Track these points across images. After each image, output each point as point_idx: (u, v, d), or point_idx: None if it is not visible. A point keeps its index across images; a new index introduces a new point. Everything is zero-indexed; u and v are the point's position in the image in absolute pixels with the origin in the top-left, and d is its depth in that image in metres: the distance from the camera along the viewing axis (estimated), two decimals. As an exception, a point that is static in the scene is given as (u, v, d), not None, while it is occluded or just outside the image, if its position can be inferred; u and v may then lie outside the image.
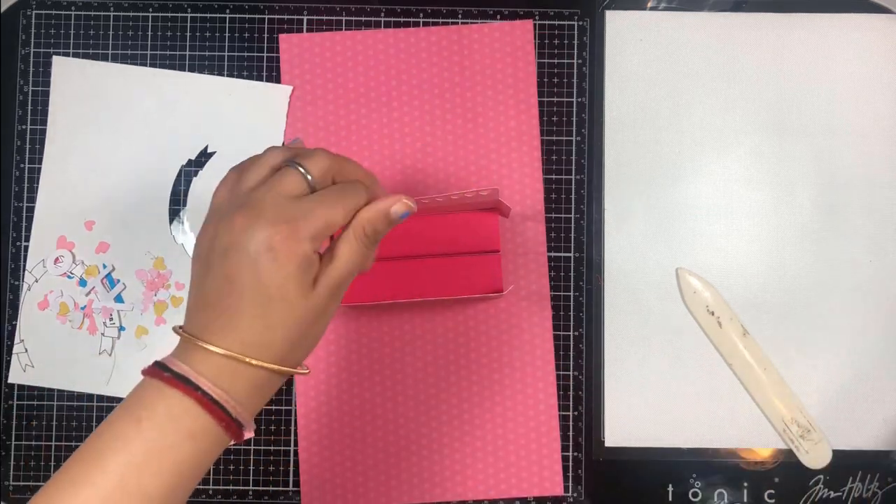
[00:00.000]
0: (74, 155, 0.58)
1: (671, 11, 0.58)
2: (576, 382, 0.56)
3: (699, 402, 0.56)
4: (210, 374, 0.35)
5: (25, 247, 0.57)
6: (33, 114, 0.58)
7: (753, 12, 0.57)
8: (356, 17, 0.58)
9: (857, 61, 0.57)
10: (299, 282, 0.36)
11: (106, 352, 0.57)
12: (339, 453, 0.55)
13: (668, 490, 0.55)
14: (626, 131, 0.57)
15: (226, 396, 0.35)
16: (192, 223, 0.58)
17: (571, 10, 0.58)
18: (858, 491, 0.55)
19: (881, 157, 0.57)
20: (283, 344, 0.36)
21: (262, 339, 0.36)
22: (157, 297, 0.57)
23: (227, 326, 0.36)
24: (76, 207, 0.57)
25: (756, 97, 0.57)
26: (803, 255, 0.56)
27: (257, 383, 0.36)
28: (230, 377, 0.36)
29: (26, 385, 0.57)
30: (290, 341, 0.36)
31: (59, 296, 0.57)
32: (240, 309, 0.35)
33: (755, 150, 0.57)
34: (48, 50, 0.58)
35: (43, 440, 0.56)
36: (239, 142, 0.58)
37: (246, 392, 0.36)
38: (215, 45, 0.58)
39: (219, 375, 0.35)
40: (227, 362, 0.35)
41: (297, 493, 0.56)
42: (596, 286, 0.57)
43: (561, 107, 0.57)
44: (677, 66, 0.57)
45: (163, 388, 0.35)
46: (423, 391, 0.56)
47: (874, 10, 0.57)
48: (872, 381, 0.56)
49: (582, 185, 0.57)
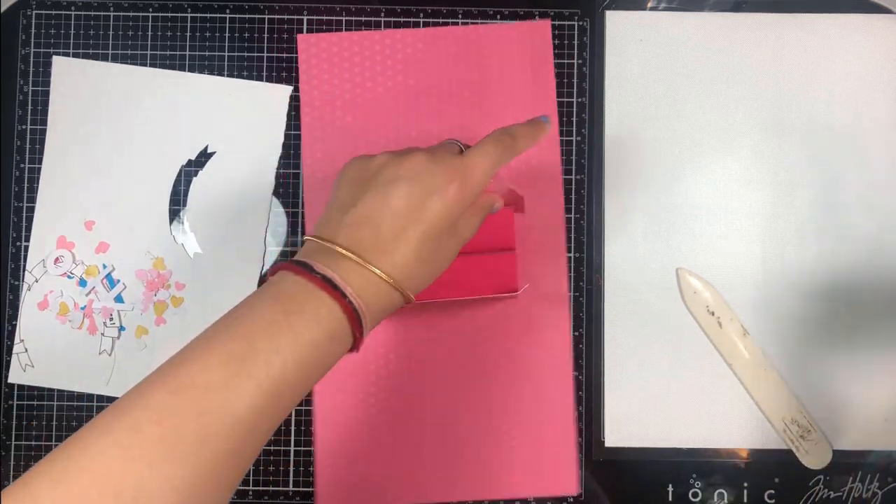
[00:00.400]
0: (74, 155, 0.58)
1: (671, 11, 0.58)
2: (576, 382, 0.56)
3: (699, 402, 0.56)
4: (354, 283, 0.37)
5: (25, 247, 0.57)
6: (33, 114, 0.58)
7: (753, 12, 0.57)
8: (356, 17, 0.58)
9: (857, 61, 0.57)
10: (453, 229, 0.41)
11: (106, 352, 0.57)
12: (356, 452, 0.55)
13: (668, 490, 0.55)
14: (626, 131, 0.57)
15: (365, 310, 0.37)
16: (192, 223, 0.58)
17: (571, 10, 0.58)
18: (858, 491, 0.55)
19: (881, 157, 0.57)
20: (423, 277, 0.40)
21: (411, 270, 0.39)
22: (157, 297, 0.57)
23: (383, 249, 0.38)
24: (76, 207, 0.57)
25: (756, 97, 0.57)
26: (803, 255, 0.56)
27: (384, 305, 0.39)
28: (372, 293, 0.38)
29: (26, 385, 0.57)
30: (429, 275, 0.41)
31: (59, 296, 0.57)
32: (400, 237, 0.38)
33: (755, 150, 0.57)
34: (48, 50, 0.58)
35: (43, 440, 0.56)
36: (239, 142, 0.58)
37: (380, 309, 0.39)
38: (215, 45, 0.58)
39: (364, 289, 0.38)
40: (377, 280, 0.38)
41: (296, 493, 0.56)
42: (596, 286, 0.57)
43: (561, 107, 0.57)
44: (677, 66, 0.57)
45: (312, 288, 0.37)
46: (440, 392, 0.55)
47: (874, 10, 0.57)
48: (873, 381, 0.56)
49: (582, 185, 0.57)
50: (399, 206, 0.38)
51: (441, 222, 0.39)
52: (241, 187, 0.58)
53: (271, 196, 0.57)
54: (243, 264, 0.57)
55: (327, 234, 0.39)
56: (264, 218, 0.57)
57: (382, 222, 0.38)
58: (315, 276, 0.37)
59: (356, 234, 0.38)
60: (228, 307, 0.38)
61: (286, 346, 0.35)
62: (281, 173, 0.58)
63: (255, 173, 0.58)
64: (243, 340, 0.34)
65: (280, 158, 0.58)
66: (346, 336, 0.37)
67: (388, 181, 0.39)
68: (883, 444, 0.55)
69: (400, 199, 0.39)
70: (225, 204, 0.57)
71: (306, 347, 0.35)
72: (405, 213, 0.38)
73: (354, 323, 0.37)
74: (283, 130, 0.58)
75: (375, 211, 0.39)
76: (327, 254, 0.38)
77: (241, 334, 0.35)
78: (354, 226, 0.39)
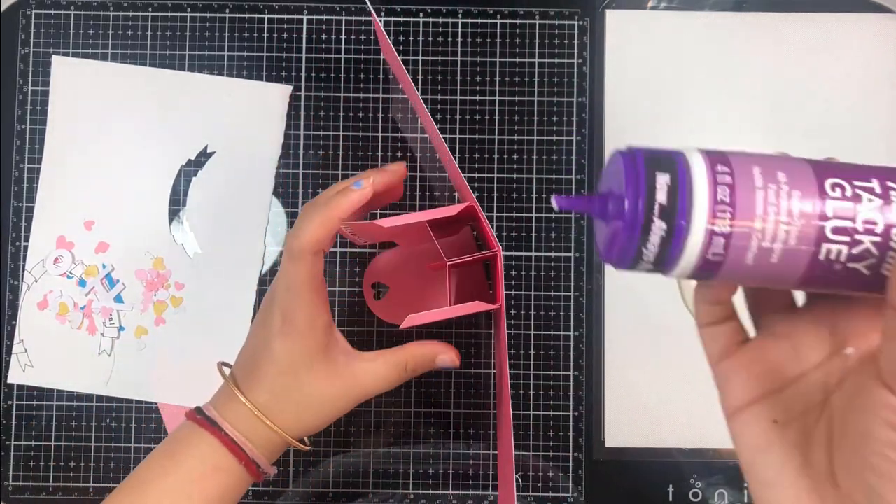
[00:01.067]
0: (74, 154, 0.58)
1: (671, 11, 0.58)
2: (576, 382, 0.56)
3: (700, 402, 0.56)
4: (234, 419, 0.41)
5: (25, 247, 0.57)
6: (33, 113, 0.58)
7: (754, 12, 0.57)
8: (356, 17, 0.58)
9: (857, 60, 0.57)
10: (309, 363, 0.41)
11: (105, 352, 0.57)
12: None
13: (669, 490, 0.55)
14: (626, 131, 0.57)
15: (244, 440, 0.41)
16: (191, 223, 0.57)
17: (571, 9, 0.58)
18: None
19: (882, 156, 0.56)
20: (287, 414, 0.42)
21: (272, 405, 0.41)
22: (156, 297, 0.57)
23: (250, 385, 0.42)
24: (76, 207, 0.57)
25: (756, 96, 0.57)
26: (804, 255, 0.56)
27: (269, 438, 0.42)
28: (249, 426, 0.41)
29: (26, 385, 0.57)
30: (294, 413, 0.42)
31: (59, 296, 0.57)
32: (258, 374, 0.42)
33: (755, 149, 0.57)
34: (48, 49, 0.58)
35: (42, 440, 0.56)
36: (239, 142, 0.58)
37: (261, 441, 0.42)
38: (215, 44, 0.58)
39: (241, 422, 0.41)
40: (250, 414, 0.41)
41: (296, 493, 0.56)
42: (596, 286, 0.57)
43: (561, 107, 0.57)
44: (677, 65, 0.57)
45: (195, 428, 0.41)
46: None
47: (874, 9, 0.57)
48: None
49: (582, 185, 0.57)
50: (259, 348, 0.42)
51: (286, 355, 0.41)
52: (241, 187, 0.57)
53: (271, 196, 0.57)
54: (243, 264, 0.57)
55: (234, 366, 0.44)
56: (264, 218, 0.57)
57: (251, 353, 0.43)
58: (199, 417, 0.42)
59: (238, 364, 0.43)
60: (228, 307, 0.39)
61: (173, 486, 0.39)
62: (281, 173, 0.58)
63: (255, 173, 0.57)
64: (136, 490, 0.40)
65: (280, 158, 0.58)
66: (233, 467, 0.41)
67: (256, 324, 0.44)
68: (883, 444, 0.55)
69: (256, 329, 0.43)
70: (225, 204, 0.57)
71: (193, 482, 0.40)
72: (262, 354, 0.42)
73: (239, 453, 0.41)
74: (283, 130, 0.58)
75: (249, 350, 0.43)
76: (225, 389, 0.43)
77: (134, 484, 0.40)
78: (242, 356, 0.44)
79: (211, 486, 0.40)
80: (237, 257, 0.57)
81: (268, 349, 0.41)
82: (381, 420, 0.56)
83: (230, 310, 0.57)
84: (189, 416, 0.42)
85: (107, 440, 0.56)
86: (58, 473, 0.56)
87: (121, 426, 0.56)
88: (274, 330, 0.41)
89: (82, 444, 0.56)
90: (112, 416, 0.57)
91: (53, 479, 0.56)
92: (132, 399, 0.57)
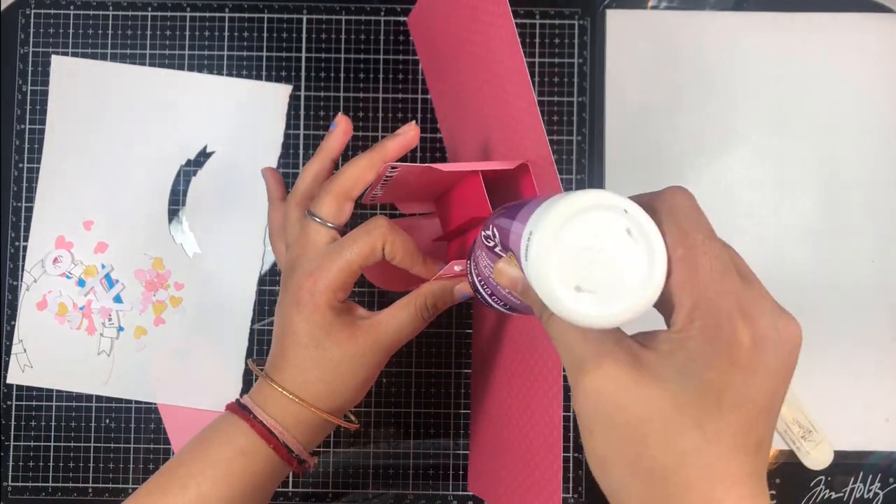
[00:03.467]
0: (73, 155, 0.57)
1: (672, 11, 0.57)
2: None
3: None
4: (266, 403, 0.41)
5: (24, 247, 0.57)
6: (32, 113, 0.58)
7: (754, 11, 0.57)
8: (356, 17, 0.58)
9: (858, 60, 0.57)
10: (327, 329, 0.40)
11: (105, 352, 0.57)
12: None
13: (669, 491, 0.55)
14: (627, 131, 0.57)
15: (273, 422, 0.40)
16: (191, 223, 0.57)
17: (571, 9, 0.58)
18: (860, 492, 0.55)
19: (883, 156, 0.56)
20: (318, 385, 0.41)
21: (300, 380, 0.41)
22: (155, 297, 0.57)
23: (277, 367, 0.41)
24: (75, 207, 0.57)
25: (757, 97, 0.57)
26: (804, 255, 0.56)
27: (304, 418, 0.41)
28: (281, 408, 0.41)
29: (25, 385, 0.57)
30: (324, 383, 0.41)
31: (58, 296, 0.57)
32: (283, 353, 0.41)
33: (756, 149, 0.57)
34: (47, 49, 0.58)
35: (42, 440, 0.56)
36: (239, 141, 0.58)
37: (295, 424, 0.41)
38: (215, 44, 0.58)
39: (272, 406, 0.41)
40: (280, 395, 0.41)
41: (296, 493, 0.56)
42: (596, 286, 0.56)
43: (561, 107, 0.57)
44: (678, 65, 0.57)
45: (228, 415, 0.41)
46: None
47: (875, 9, 0.57)
48: (874, 382, 0.55)
49: (582, 185, 0.57)
50: (279, 328, 0.42)
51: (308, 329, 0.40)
52: (240, 187, 0.57)
53: (271, 196, 0.57)
54: (243, 264, 0.57)
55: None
56: (264, 218, 0.57)
57: (276, 344, 0.42)
58: (232, 404, 0.42)
59: (271, 356, 0.43)
60: (228, 307, 0.39)
61: (199, 469, 0.39)
62: (281, 173, 0.57)
63: (255, 173, 0.57)
64: (166, 473, 0.40)
65: (280, 158, 0.57)
66: (261, 450, 0.40)
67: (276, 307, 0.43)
68: (884, 444, 0.55)
69: (277, 321, 0.42)
70: (225, 204, 0.57)
71: (219, 466, 0.39)
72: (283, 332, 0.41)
73: (267, 437, 0.40)
74: (283, 130, 0.57)
75: (275, 335, 0.43)
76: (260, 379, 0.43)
77: (166, 469, 0.41)
78: (273, 343, 0.43)
79: (238, 470, 0.39)
80: (237, 257, 0.57)
81: (287, 327, 0.41)
82: (381, 420, 0.56)
83: (230, 310, 0.56)
84: (227, 406, 0.42)
85: (106, 440, 0.56)
86: (57, 474, 0.56)
87: (120, 426, 0.56)
88: (289, 307, 0.41)
89: (81, 444, 0.56)
90: (111, 416, 0.56)
91: (53, 479, 0.56)
92: (131, 399, 0.56)
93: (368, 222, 0.41)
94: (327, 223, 0.41)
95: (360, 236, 0.40)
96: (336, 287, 0.40)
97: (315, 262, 0.40)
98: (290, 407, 0.41)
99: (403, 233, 0.41)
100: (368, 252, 0.40)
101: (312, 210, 0.42)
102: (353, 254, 0.40)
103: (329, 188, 0.42)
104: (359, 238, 0.40)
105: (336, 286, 0.40)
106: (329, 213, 0.41)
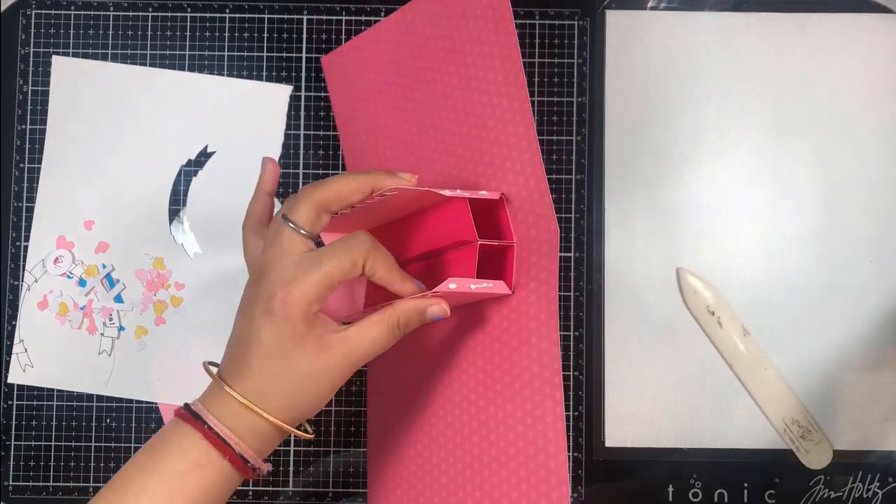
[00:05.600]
0: (74, 155, 0.58)
1: (671, 11, 0.58)
2: (576, 382, 0.56)
3: (699, 402, 0.56)
4: (220, 413, 0.39)
5: (25, 247, 0.57)
6: (33, 113, 0.58)
7: (754, 12, 0.57)
8: (356, 17, 0.58)
9: (857, 61, 0.57)
10: (297, 341, 0.39)
11: (105, 352, 0.57)
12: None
13: (669, 490, 0.55)
14: (626, 131, 0.57)
15: (228, 432, 0.39)
16: (191, 223, 0.57)
17: (571, 9, 0.58)
18: (859, 491, 0.55)
19: (882, 156, 0.57)
20: (280, 396, 0.39)
21: (262, 390, 0.39)
22: (156, 297, 0.57)
23: (237, 374, 0.40)
24: (76, 207, 0.57)
25: (756, 97, 0.57)
26: (804, 254, 0.56)
27: (260, 428, 0.40)
28: (237, 418, 0.39)
29: (26, 385, 0.57)
30: (287, 395, 0.39)
31: (59, 296, 0.57)
32: (246, 361, 0.39)
33: (756, 149, 0.57)
34: (48, 49, 0.58)
35: (42, 440, 0.56)
36: (239, 142, 0.58)
37: (251, 433, 0.39)
38: (215, 44, 0.58)
39: (228, 415, 0.39)
40: (237, 404, 0.39)
41: (296, 493, 0.56)
42: (596, 286, 0.57)
43: (561, 107, 0.57)
44: (677, 65, 0.57)
45: (179, 423, 0.40)
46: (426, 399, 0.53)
47: (874, 9, 0.57)
48: (873, 381, 0.55)
49: (582, 185, 0.57)
50: (244, 334, 0.40)
51: (278, 339, 0.39)
52: (241, 187, 0.57)
53: (271, 196, 0.57)
54: (243, 264, 0.57)
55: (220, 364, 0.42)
56: (264, 218, 0.57)
57: (236, 350, 0.41)
58: (184, 412, 0.40)
59: (226, 362, 0.41)
60: (227, 307, 0.38)
61: (153, 483, 0.38)
62: (281, 173, 0.57)
63: (255, 173, 0.57)
64: (118, 488, 0.39)
65: (280, 158, 0.58)
66: (215, 462, 0.39)
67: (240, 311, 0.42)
68: (883, 443, 0.55)
69: (242, 326, 0.41)
70: (225, 204, 0.57)
71: (172, 480, 0.38)
72: (248, 339, 0.40)
73: (223, 448, 0.39)
74: (283, 130, 0.58)
75: (233, 341, 0.41)
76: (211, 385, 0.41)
77: (115, 485, 0.39)
78: (226, 355, 0.41)
79: (192, 483, 0.38)
80: (237, 257, 0.57)
81: (254, 334, 0.39)
82: (381, 420, 0.56)
83: (230, 310, 0.56)
84: (176, 412, 0.41)
85: (107, 440, 0.56)
86: (58, 473, 0.56)
87: (121, 426, 0.56)
88: (258, 313, 0.39)
89: (82, 444, 0.56)
90: (112, 416, 0.57)
91: (53, 479, 0.56)
92: (132, 399, 0.57)
93: (350, 237, 0.40)
94: (301, 230, 0.40)
95: (342, 251, 0.39)
96: (311, 300, 0.39)
97: (291, 271, 0.39)
98: (247, 417, 0.39)
99: (385, 250, 0.41)
100: (349, 267, 0.39)
101: (288, 214, 0.41)
102: (332, 267, 0.39)
103: (310, 195, 0.41)
104: (340, 252, 0.39)
105: (311, 298, 0.39)
106: (305, 220, 0.40)
